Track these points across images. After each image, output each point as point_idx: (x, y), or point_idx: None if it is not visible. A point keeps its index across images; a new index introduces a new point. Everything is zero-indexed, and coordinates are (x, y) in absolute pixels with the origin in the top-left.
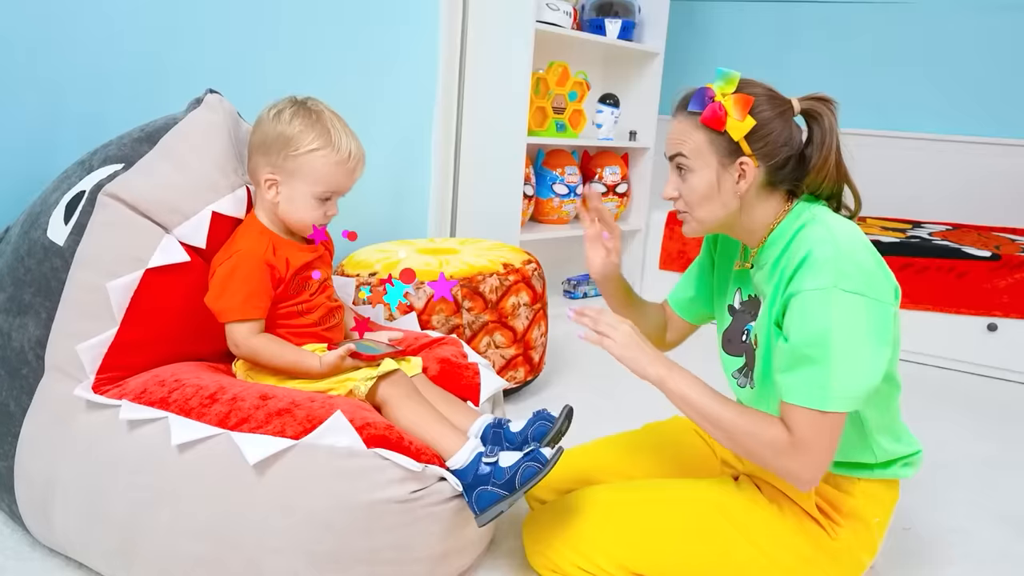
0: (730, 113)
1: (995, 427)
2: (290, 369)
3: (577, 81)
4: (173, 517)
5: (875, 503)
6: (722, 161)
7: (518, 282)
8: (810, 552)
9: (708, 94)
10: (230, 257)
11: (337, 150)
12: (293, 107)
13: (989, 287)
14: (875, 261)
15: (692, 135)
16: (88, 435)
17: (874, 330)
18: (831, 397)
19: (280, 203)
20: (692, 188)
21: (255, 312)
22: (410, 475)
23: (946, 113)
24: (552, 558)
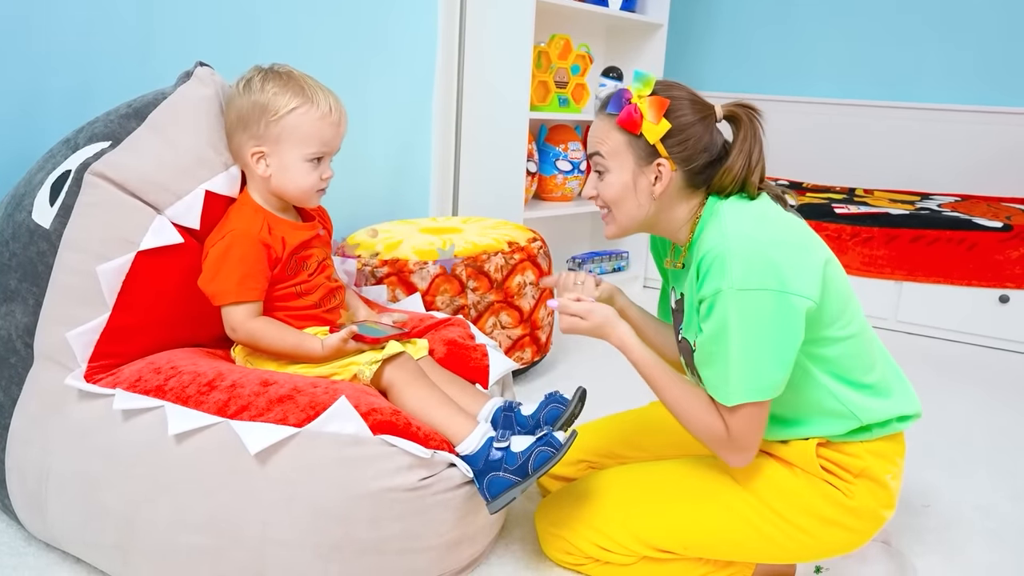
0: (645, 116)
1: (1010, 400)
2: (291, 353)
3: (580, 54)
4: (172, 510)
5: (883, 460)
6: (639, 163)
7: (524, 260)
8: (829, 512)
9: (625, 96)
10: (223, 237)
11: (316, 104)
12: (260, 74)
13: (1001, 258)
14: (775, 250)
15: (610, 135)
16: (81, 426)
17: (772, 320)
18: (732, 392)
19: (273, 175)
20: (608, 187)
21: (251, 294)
22: (418, 462)
23: (954, 83)
24: (569, 539)
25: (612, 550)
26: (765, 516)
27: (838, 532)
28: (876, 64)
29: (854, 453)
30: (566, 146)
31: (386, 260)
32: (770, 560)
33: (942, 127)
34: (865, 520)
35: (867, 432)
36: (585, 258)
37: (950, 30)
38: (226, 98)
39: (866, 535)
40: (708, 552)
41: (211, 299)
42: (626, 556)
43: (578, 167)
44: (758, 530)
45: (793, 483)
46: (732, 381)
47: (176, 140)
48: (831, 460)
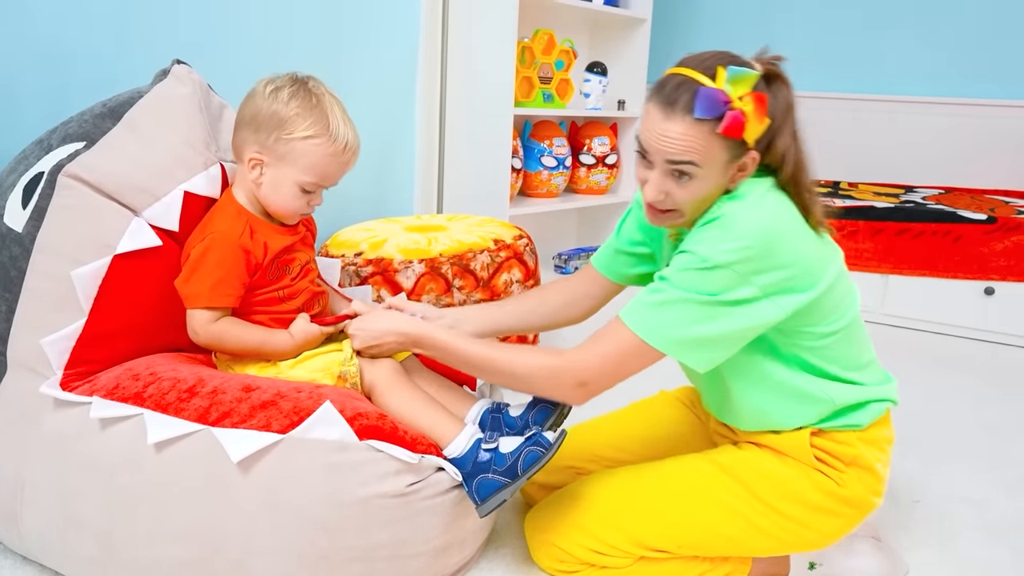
0: (750, 119)
1: (997, 392)
2: (258, 350)
3: (564, 49)
4: (153, 520)
5: (874, 448)
6: (731, 162)
7: (510, 258)
8: (821, 500)
9: (721, 99)
10: (203, 239)
11: (334, 140)
12: (293, 86)
13: (986, 250)
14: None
15: (706, 143)
16: (58, 435)
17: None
18: (636, 315)
19: (263, 185)
20: (694, 193)
21: (223, 300)
22: (406, 467)
23: (936, 75)
24: (562, 546)
25: (607, 553)
26: (756, 508)
27: (829, 519)
28: (860, 57)
29: (846, 441)
30: (551, 142)
31: (371, 259)
32: (764, 552)
33: (926, 120)
34: (855, 507)
35: (854, 415)
36: (571, 254)
37: (933, 23)
38: (250, 90)
39: (855, 520)
40: (702, 549)
41: (183, 300)
42: (622, 559)
43: (563, 163)
44: (750, 522)
45: (784, 473)
46: (645, 307)
47: (153, 140)
48: (824, 449)
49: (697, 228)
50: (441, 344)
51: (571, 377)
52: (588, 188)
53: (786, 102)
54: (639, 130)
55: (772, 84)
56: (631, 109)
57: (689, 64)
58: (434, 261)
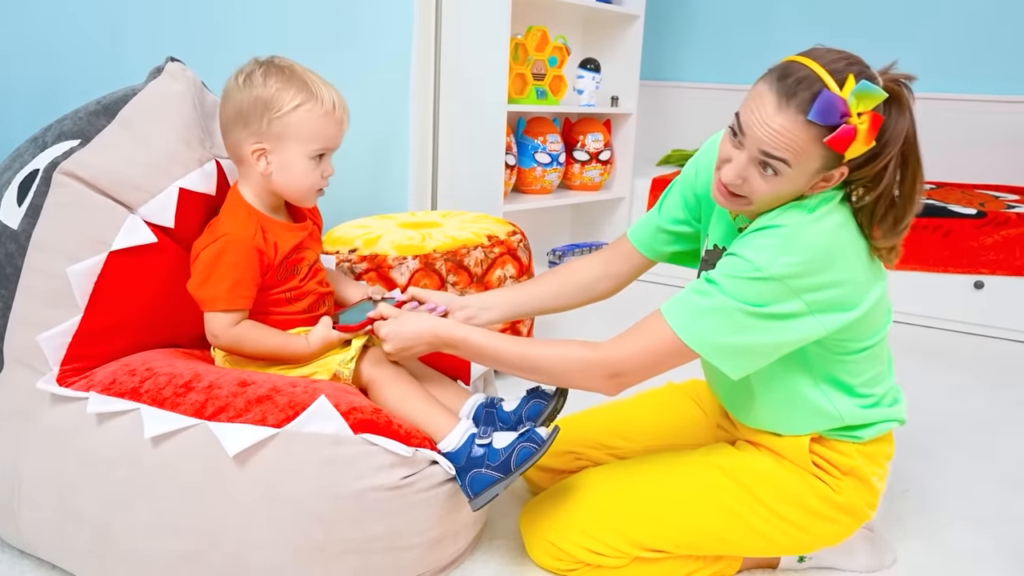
0: (859, 138)
1: (986, 384)
2: (277, 355)
3: (557, 46)
4: (150, 514)
5: (872, 462)
6: (820, 171)
7: (504, 254)
8: (816, 505)
9: (841, 109)
10: (215, 240)
11: (321, 101)
12: (262, 67)
13: (976, 244)
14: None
15: (807, 147)
16: (55, 430)
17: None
18: (677, 313)
19: (273, 173)
20: (774, 189)
21: (241, 302)
22: (400, 460)
23: (928, 71)
24: (558, 544)
25: (603, 553)
26: (753, 508)
27: (825, 525)
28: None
29: (845, 452)
30: (544, 138)
31: (365, 256)
32: (758, 553)
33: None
34: (851, 515)
35: (858, 432)
36: (565, 250)
37: (924, 19)
38: (223, 92)
39: (850, 528)
40: (699, 548)
41: (199, 304)
42: (618, 558)
43: (557, 159)
44: (748, 524)
45: (781, 475)
46: (690, 309)
47: (148, 137)
48: (822, 456)
49: (756, 231)
50: (475, 345)
51: (605, 369)
52: (582, 184)
53: (897, 130)
54: (742, 107)
55: (892, 106)
56: (624, 105)
57: (820, 60)
58: (428, 257)
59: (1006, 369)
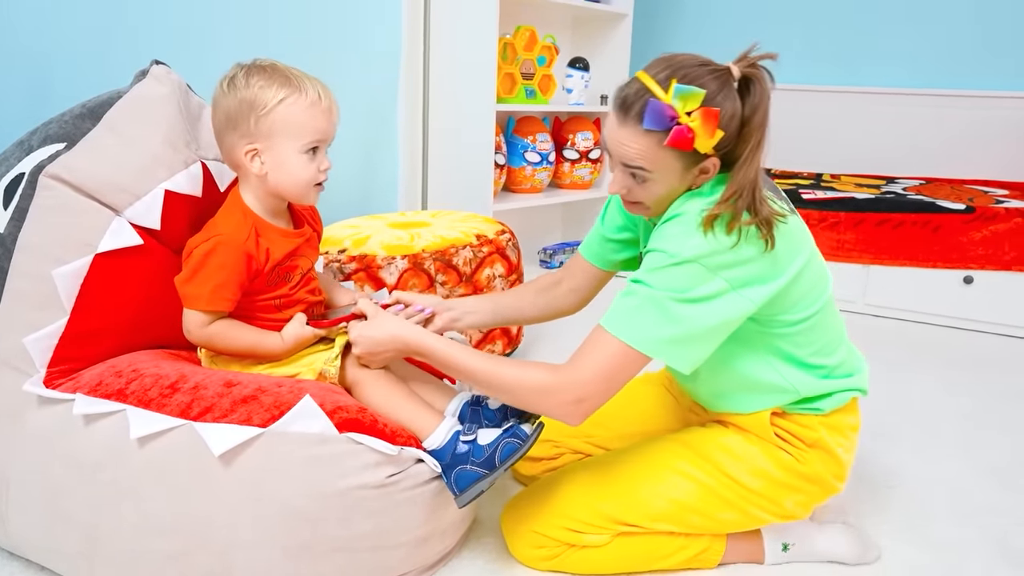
0: (699, 134)
1: (975, 379)
2: (250, 352)
3: (545, 45)
4: (137, 514)
5: (836, 433)
6: (687, 167)
7: (492, 253)
8: (782, 476)
9: (668, 113)
10: (207, 239)
11: (304, 93)
12: (243, 70)
13: (964, 240)
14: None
15: (656, 152)
16: (42, 432)
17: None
18: (619, 322)
19: (269, 172)
20: (653, 193)
21: (222, 304)
22: (386, 459)
23: (918, 67)
24: (538, 530)
25: (584, 531)
26: (721, 481)
27: (791, 494)
28: (841, 50)
29: (807, 424)
30: (534, 137)
31: (354, 256)
32: (732, 526)
33: (907, 111)
34: (817, 484)
35: (817, 403)
36: (556, 249)
37: (912, 14)
38: (212, 101)
39: (818, 497)
40: (672, 520)
41: (182, 299)
42: (599, 535)
43: (547, 158)
44: (716, 494)
45: (746, 449)
46: (623, 312)
47: (133, 140)
48: (785, 429)
49: (659, 225)
50: (442, 355)
51: (567, 395)
52: (572, 183)
53: (754, 106)
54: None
55: (749, 88)
56: None
57: (651, 71)
58: (417, 257)
59: (994, 363)
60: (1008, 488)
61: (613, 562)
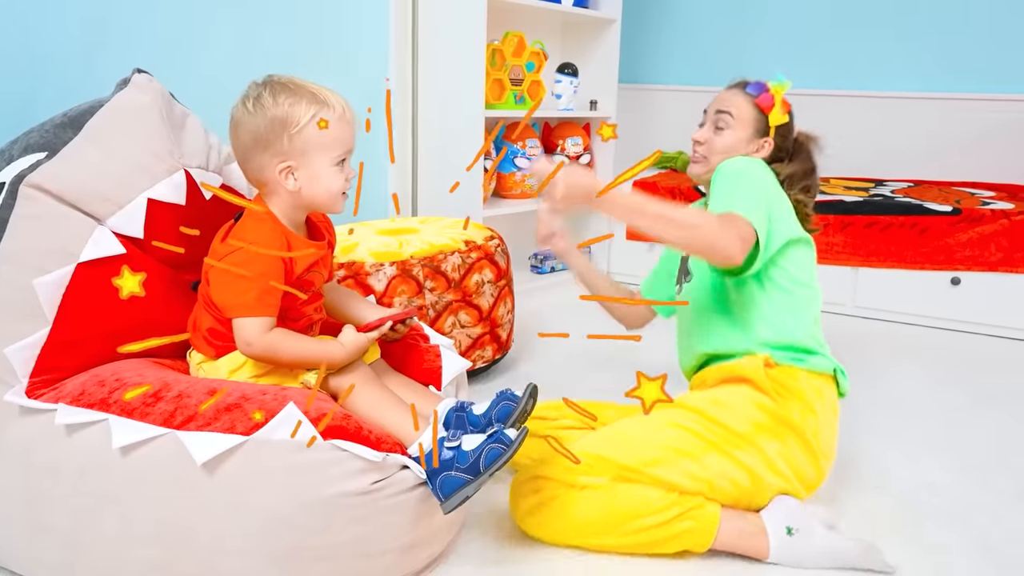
0: (776, 106)
1: (964, 380)
2: (313, 360)
3: (534, 51)
4: (120, 523)
5: (817, 394)
6: (754, 134)
7: (481, 259)
8: (765, 420)
9: (764, 87)
10: (241, 248)
11: (332, 107)
12: (265, 88)
13: (952, 241)
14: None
15: (742, 106)
16: (23, 443)
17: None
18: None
19: (303, 187)
20: (722, 141)
21: (269, 309)
22: (370, 465)
23: (906, 70)
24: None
25: (583, 472)
26: (708, 427)
27: (773, 440)
28: (830, 54)
29: (791, 375)
30: (524, 143)
31: (342, 263)
32: (722, 477)
33: (896, 114)
34: (792, 430)
35: (803, 355)
36: (548, 255)
37: (900, 18)
38: (232, 122)
39: (795, 446)
40: (664, 464)
41: (224, 311)
42: (597, 476)
43: None
44: (704, 438)
45: (733, 396)
46: (735, 203)
47: (114, 149)
48: (771, 377)
49: (712, 181)
50: (622, 201)
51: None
52: None
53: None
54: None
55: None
56: (603, 109)
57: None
58: (405, 263)
59: (981, 364)
60: (990, 489)
61: (608, 507)
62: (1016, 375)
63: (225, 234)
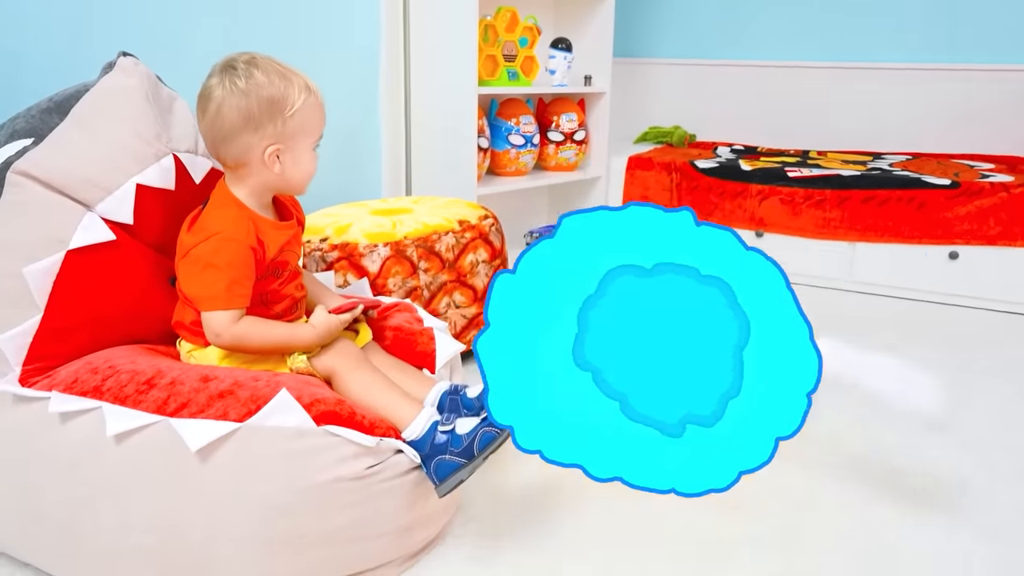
0: None
1: (961, 355)
2: (285, 345)
3: (527, 26)
4: (116, 512)
5: None
6: None
7: (475, 239)
8: None
9: None
10: (208, 239)
11: (313, 92)
12: (251, 67)
13: (950, 215)
14: None
15: None
16: (17, 431)
17: None
18: None
19: (286, 170)
20: None
21: (239, 300)
22: (364, 450)
23: (903, 41)
24: None
25: None
26: None
27: None
28: (826, 25)
29: None
30: (518, 120)
31: (336, 244)
32: None
33: (894, 87)
34: None
35: None
36: (543, 230)
37: None
38: (212, 102)
39: None
40: None
41: (194, 303)
42: None
43: (531, 141)
44: None
45: None
46: None
47: (101, 133)
48: None
49: None
50: None
51: None
52: (557, 165)
53: None
54: None
55: None
56: (598, 84)
57: None
58: (399, 244)
59: (981, 339)
60: (988, 467)
61: None
62: (1016, 349)
63: (191, 223)
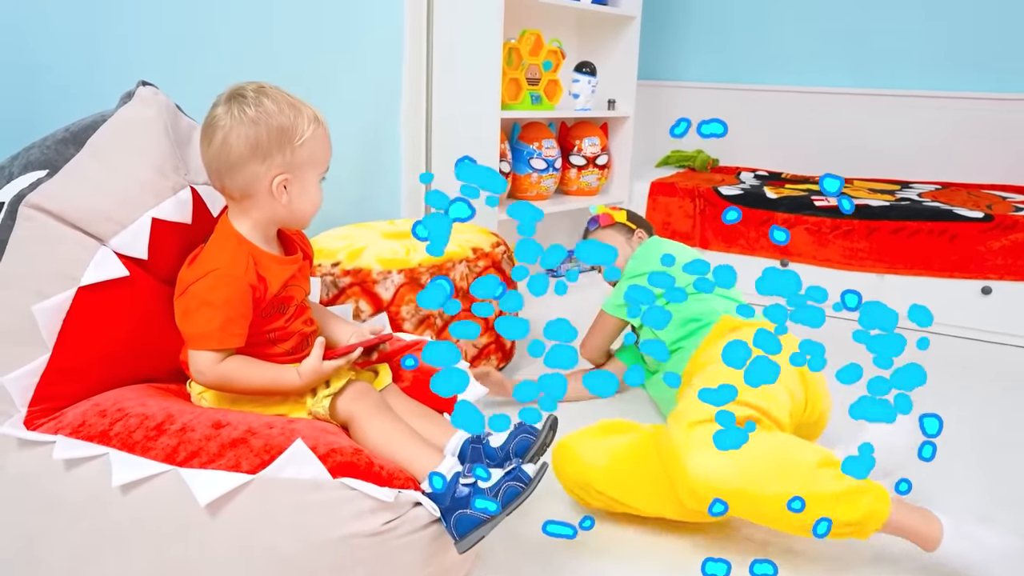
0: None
1: (993, 392)
2: (267, 389)
3: (551, 50)
4: (119, 564)
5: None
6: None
7: (488, 267)
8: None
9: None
10: (205, 276)
11: (320, 123)
12: (261, 95)
13: (983, 249)
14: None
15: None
16: (20, 477)
17: None
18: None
19: (293, 200)
20: None
21: (233, 340)
22: (381, 505)
23: (933, 69)
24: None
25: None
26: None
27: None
28: (854, 51)
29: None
30: (540, 144)
31: (348, 270)
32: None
33: (922, 114)
34: None
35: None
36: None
37: (927, 16)
38: (218, 130)
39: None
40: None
41: (187, 340)
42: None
43: (553, 165)
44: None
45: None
46: None
47: (118, 165)
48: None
49: None
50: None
51: None
52: (579, 189)
53: None
54: None
55: None
56: (621, 108)
57: None
58: (413, 272)
59: (1014, 376)
60: None
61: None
62: None
63: (192, 259)
